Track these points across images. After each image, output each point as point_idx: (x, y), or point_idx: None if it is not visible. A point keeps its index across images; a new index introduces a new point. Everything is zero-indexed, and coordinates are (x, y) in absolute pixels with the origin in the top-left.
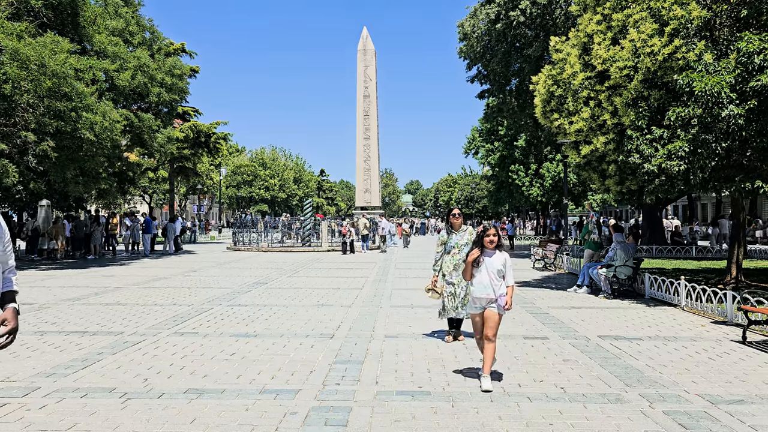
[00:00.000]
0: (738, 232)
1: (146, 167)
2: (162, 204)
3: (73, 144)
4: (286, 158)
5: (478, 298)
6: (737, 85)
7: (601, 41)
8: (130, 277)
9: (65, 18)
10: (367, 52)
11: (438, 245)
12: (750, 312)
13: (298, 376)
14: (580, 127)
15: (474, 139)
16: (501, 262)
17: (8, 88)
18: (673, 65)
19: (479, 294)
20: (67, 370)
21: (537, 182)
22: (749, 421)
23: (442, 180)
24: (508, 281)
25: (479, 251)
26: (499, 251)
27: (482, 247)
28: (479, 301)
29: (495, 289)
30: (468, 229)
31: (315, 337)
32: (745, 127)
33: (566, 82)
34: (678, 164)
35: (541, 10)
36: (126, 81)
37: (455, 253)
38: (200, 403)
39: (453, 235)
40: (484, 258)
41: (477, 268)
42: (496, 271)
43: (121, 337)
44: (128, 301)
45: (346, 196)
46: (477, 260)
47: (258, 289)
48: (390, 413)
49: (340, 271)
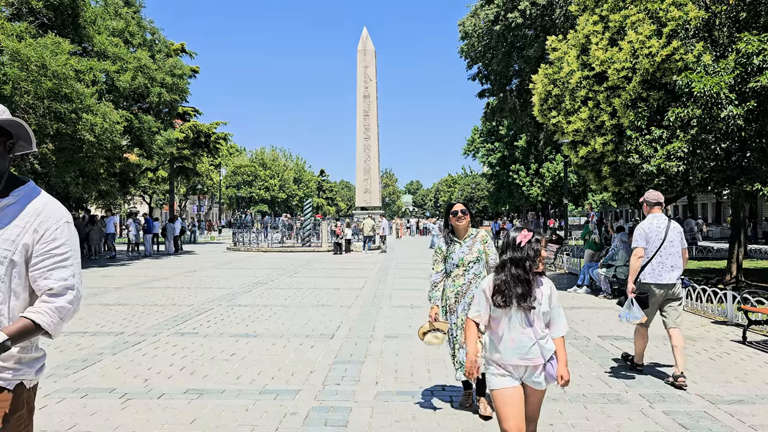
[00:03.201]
0: (738, 232)
1: (146, 168)
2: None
3: (74, 145)
4: (286, 158)
5: (513, 366)
6: (736, 85)
7: (599, 42)
8: (130, 278)
9: (66, 19)
10: (367, 52)
11: (434, 261)
12: (750, 312)
13: (298, 377)
14: (578, 127)
15: (474, 140)
16: (546, 296)
17: (8, 89)
18: (672, 66)
19: (513, 358)
20: (67, 370)
21: (537, 182)
22: (749, 421)
23: (443, 180)
24: (558, 330)
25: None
26: (544, 278)
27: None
28: (514, 369)
29: (542, 347)
30: (479, 234)
31: (315, 337)
32: (744, 127)
33: (563, 82)
34: (677, 165)
35: (540, 10)
36: (126, 82)
37: (458, 275)
38: (200, 404)
39: (455, 245)
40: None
41: (504, 309)
42: (541, 314)
43: (121, 338)
44: (128, 302)
45: (346, 197)
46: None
47: (258, 290)
48: (390, 413)
49: (340, 271)
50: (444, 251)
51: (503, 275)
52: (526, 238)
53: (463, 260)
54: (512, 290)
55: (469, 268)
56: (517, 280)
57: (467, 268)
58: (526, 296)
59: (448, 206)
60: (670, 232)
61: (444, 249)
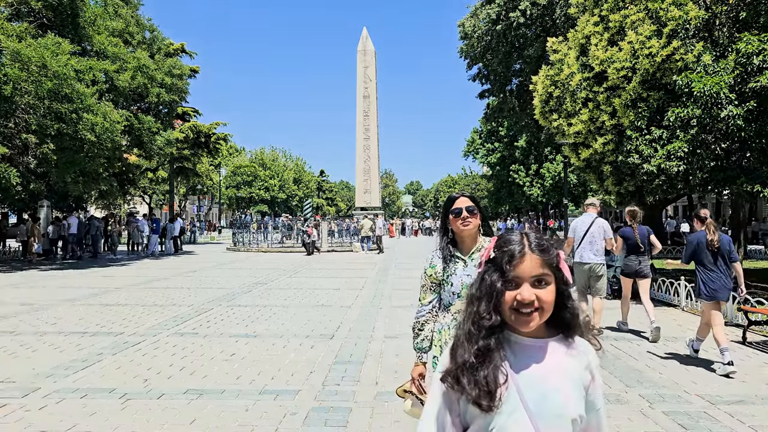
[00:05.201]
0: (738, 233)
1: (146, 168)
2: (162, 204)
3: (74, 145)
4: (285, 159)
5: None
6: (736, 85)
7: (598, 42)
8: (130, 278)
9: (65, 19)
10: (367, 52)
11: (422, 288)
12: (750, 312)
13: (298, 377)
14: (579, 129)
15: (473, 141)
16: (577, 378)
17: (9, 90)
18: (672, 66)
19: None
20: (67, 370)
21: (537, 182)
22: (749, 421)
23: (442, 181)
24: None
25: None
26: (577, 338)
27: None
28: None
29: None
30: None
31: (315, 337)
32: (744, 127)
33: (564, 83)
34: (677, 164)
35: (540, 10)
36: (126, 82)
37: (461, 311)
38: (200, 404)
39: (457, 264)
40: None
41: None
42: (564, 421)
43: (120, 338)
44: (128, 302)
45: (346, 197)
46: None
47: (258, 290)
48: (390, 414)
49: (340, 271)
50: (438, 273)
51: (460, 331)
52: (488, 252)
53: (467, 286)
54: (474, 372)
55: None
56: (475, 344)
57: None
58: (491, 390)
59: (447, 202)
60: (593, 227)
61: (439, 269)
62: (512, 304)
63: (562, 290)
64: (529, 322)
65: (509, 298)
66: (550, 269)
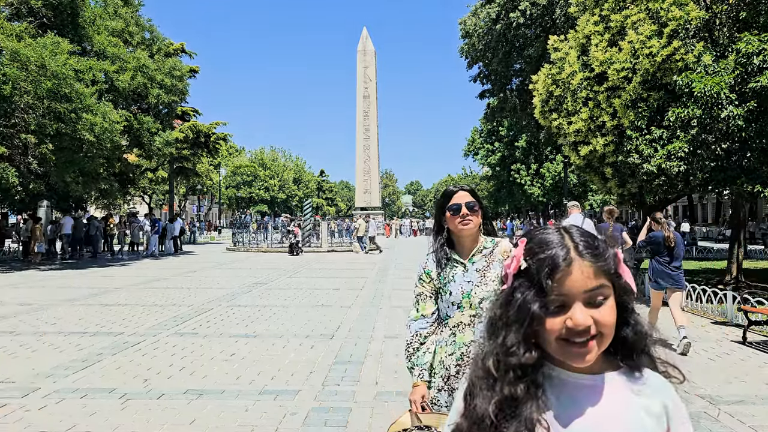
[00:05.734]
0: (738, 233)
1: (146, 168)
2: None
3: (73, 145)
4: (285, 159)
5: None
6: (737, 86)
7: (599, 42)
8: (130, 278)
9: (65, 18)
10: (367, 52)
11: (416, 297)
12: (750, 312)
13: (298, 377)
14: (579, 127)
15: (474, 140)
16: (649, 429)
17: (8, 89)
18: (672, 66)
19: None
20: (67, 370)
21: (538, 182)
22: (749, 421)
23: (443, 181)
24: None
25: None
26: (647, 369)
27: None
28: None
29: None
30: (500, 247)
31: (315, 337)
32: (744, 128)
33: (565, 82)
34: (678, 165)
35: (541, 10)
36: (126, 82)
37: (461, 324)
38: (200, 404)
39: (455, 269)
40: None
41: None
42: None
43: (120, 338)
44: (128, 302)
45: (345, 197)
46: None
47: (258, 290)
48: (390, 414)
49: (340, 271)
50: (435, 280)
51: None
52: (517, 260)
53: (470, 296)
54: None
55: (482, 311)
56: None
57: (479, 312)
58: None
59: (443, 196)
60: (583, 225)
61: (434, 275)
62: (560, 333)
63: (624, 303)
64: (584, 355)
65: (555, 325)
66: (607, 278)
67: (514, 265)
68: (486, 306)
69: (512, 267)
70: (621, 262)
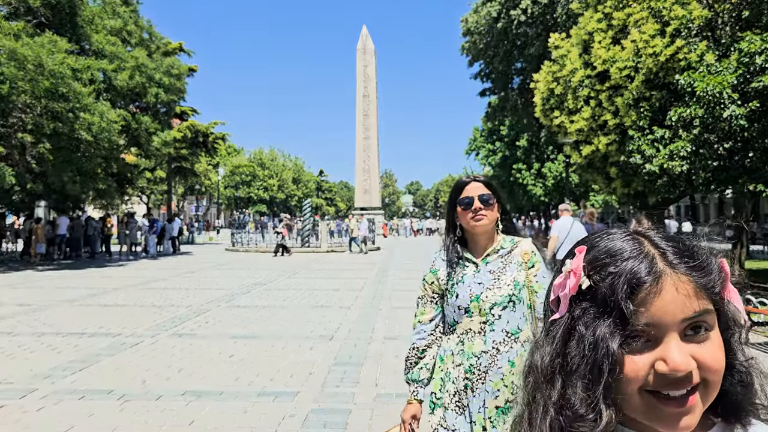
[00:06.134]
0: (740, 233)
1: (144, 167)
2: (160, 204)
3: (71, 144)
4: (284, 158)
5: None
6: (739, 85)
7: (602, 40)
8: (128, 279)
9: (63, 17)
10: (367, 51)
11: (420, 300)
12: (752, 313)
13: (297, 378)
14: (580, 126)
15: (475, 138)
16: None
17: (5, 89)
18: (675, 66)
19: None
20: (65, 371)
21: (539, 182)
22: None
23: (443, 181)
24: None
25: None
26: (757, 426)
27: None
28: None
29: None
30: (519, 247)
31: (314, 338)
32: (747, 127)
33: (566, 80)
34: (680, 164)
35: (542, 8)
36: (124, 81)
37: (471, 332)
38: (198, 405)
39: (466, 268)
40: None
41: None
42: None
43: (119, 339)
44: (126, 303)
45: (345, 197)
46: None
47: (257, 290)
48: (390, 415)
49: (339, 272)
50: (442, 280)
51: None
52: (576, 277)
53: (479, 300)
54: None
55: (493, 318)
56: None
57: (490, 319)
58: None
59: (454, 189)
60: (573, 227)
61: (442, 275)
62: (644, 382)
63: (728, 337)
64: (680, 417)
65: (638, 369)
66: (710, 300)
67: (572, 284)
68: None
69: (569, 287)
70: (729, 277)
